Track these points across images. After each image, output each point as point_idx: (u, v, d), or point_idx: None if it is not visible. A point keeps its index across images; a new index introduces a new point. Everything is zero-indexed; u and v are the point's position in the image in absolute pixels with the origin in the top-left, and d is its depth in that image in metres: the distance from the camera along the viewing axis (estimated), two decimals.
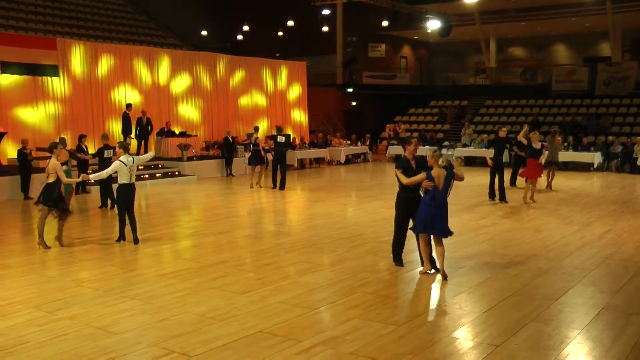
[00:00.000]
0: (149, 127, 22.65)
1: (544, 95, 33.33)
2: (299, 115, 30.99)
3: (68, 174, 14.43)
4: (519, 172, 16.94)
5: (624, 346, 6.31)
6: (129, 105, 22.25)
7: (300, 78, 31.09)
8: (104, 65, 22.73)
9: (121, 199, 11.31)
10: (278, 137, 19.49)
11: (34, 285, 8.57)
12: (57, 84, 21.36)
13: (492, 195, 16.29)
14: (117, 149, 11.60)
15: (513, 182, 19.03)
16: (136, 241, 11.22)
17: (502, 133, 16.82)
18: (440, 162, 8.67)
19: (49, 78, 21.14)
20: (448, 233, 8.68)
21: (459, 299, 7.91)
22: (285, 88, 30.17)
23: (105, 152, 15.51)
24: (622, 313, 7.32)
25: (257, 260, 10.06)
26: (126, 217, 11.35)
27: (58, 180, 10.85)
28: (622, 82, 31.51)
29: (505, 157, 25.83)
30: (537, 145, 16.04)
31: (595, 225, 12.91)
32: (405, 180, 8.81)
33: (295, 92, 30.71)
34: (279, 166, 19.34)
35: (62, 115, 21.40)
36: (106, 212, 15.20)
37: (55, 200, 10.90)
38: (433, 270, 8.92)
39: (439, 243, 8.72)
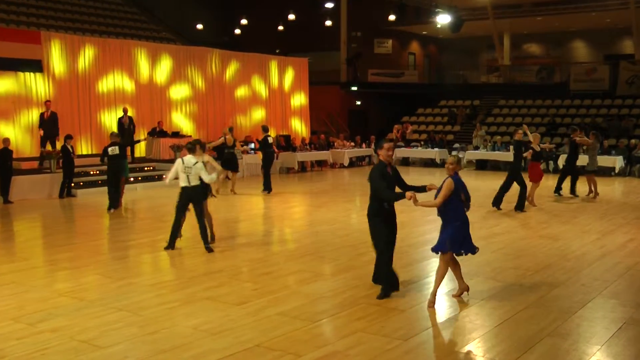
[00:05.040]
0: (55, 123, 20.43)
1: (562, 95, 33.25)
2: (300, 115, 30.99)
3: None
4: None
5: None
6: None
7: (302, 75, 31.07)
8: (92, 61, 22.72)
9: (179, 201, 11.39)
10: (268, 137, 19.87)
11: (13, 295, 8.54)
12: (41, 80, 21.36)
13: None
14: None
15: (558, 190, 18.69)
16: (207, 249, 11.24)
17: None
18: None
19: (31, 74, 21.10)
20: (476, 248, 8.30)
21: (469, 311, 7.88)
22: (286, 86, 30.17)
23: (110, 149, 15.62)
24: None
25: (254, 269, 10.03)
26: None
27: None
28: None
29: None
30: (537, 147, 16.00)
31: (617, 234, 12.87)
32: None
33: (296, 90, 30.70)
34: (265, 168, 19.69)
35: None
36: (94, 216, 15.20)
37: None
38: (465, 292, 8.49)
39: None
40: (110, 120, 22.97)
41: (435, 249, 8.21)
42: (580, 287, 8.94)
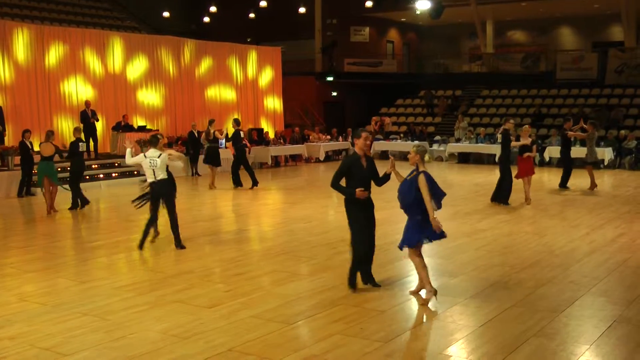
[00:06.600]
0: (1, 118, 20.39)
1: (548, 85, 33.46)
2: (273, 107, 30.94)
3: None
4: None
5: None
6: None
7: (274, 65, 31.05)
8: (52, 51, 22.53)
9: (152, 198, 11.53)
10: (241, 132, 19.98)
11: None
12: None
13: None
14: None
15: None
16: (178, 246, 11.37)
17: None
18: (426, 159, 8.21)
19: None
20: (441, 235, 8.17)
21: (453, 311, 7.91)
22: (258, 76, 30.10)
23: (80, 145, 15.57)
24: (637, 326, 7.36)
25: (227, 270, 10.01)
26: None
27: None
28: (636, 70, 31.66)
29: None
30: (526, 140, 15.92)
31: (607, 229, 12.99)
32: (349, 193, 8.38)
33: (268, 81, 30.67)
34: (242, 164, 19.67)
35: (2, 108, 21.13)
36: (56, 216, 15.10)
37: None
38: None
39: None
40: (72, 113, 22.76)
41: (400, 245, 8.42)
42: (568, 284, 9.01)
